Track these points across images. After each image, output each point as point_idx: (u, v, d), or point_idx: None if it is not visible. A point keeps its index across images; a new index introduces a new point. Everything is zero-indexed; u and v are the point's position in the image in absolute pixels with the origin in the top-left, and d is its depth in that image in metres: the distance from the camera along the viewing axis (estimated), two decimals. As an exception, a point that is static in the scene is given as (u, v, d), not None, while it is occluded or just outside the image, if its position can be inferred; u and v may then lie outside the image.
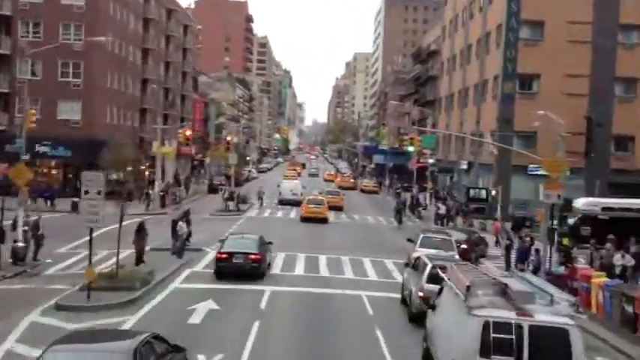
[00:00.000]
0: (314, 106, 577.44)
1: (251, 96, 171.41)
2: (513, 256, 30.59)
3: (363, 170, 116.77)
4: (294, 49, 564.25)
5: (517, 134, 52.39)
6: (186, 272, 25.42)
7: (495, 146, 40.45)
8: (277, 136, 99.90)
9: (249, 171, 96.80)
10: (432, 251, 25.99)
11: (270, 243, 27.23)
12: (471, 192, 54.84)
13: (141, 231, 25.60)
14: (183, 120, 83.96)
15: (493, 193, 49.05)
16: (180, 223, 28.44)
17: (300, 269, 27.42)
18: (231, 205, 50.44)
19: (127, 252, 26.60)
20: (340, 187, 74.92)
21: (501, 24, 54.77)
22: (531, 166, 52.68)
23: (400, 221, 47.74)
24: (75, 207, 40.42)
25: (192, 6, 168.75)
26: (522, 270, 27.53)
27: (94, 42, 46.29)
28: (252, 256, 24.12)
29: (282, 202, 56.90)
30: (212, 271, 25.68)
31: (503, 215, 48.56)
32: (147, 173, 59.80)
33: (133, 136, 63.37)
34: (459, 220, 50.76)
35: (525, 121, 52.11)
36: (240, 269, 23.94)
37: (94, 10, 52.95)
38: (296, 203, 54.08)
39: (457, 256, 26.32)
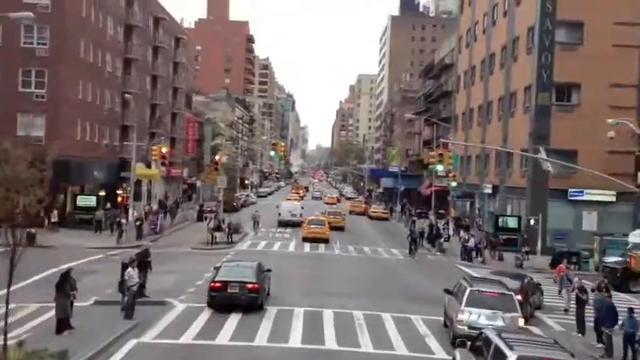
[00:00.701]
0: (318, 131, 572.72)
1: (252, 118, 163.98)
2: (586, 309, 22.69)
3: (369, 194, 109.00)
4: (297, 75, 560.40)
5: (554, 152, 44.93)
6: (128, 345, 17.16)
7: (551, 163, 32.43)
8: (273, 153, 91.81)
9: (247, 195, 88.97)
10: (487, 312, 18.36)
11: (268, 270, 24.53)
12: (500, 220, 47.25)
13: (64, 284, 17.73)
14: (175, 140, 76.48)
15: (532, 222, 41.09)
16: (129, 269, 20.33)
17: (296, 336, 19.19)
18: (219, 236, 42.62)
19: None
20: (351, 213, 72.39)
21: (533, 26, 47.58)
22: (572, 190, 45.42)
23: (415, 252, 42.46)
24: (32, 239, 33.95)
25: (192, 25, 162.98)
26: (610, 336, 19.63)
27: (61, 46, 38.72)
28: (250, 286, 21.88)
29: (282, 224, 55.68)
30: (168, 341, 17.88)
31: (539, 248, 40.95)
32: (120, 198, 52.36)
33: (112, 155, 56.05)
34: (487, 253, 43.18)
35: (564, 137, 45.06)
36: (235, 300, 21.78)
37: (61, 9, 45.62)
38: (295, 224, 53.82)
39: (522, 321, 18.53)
